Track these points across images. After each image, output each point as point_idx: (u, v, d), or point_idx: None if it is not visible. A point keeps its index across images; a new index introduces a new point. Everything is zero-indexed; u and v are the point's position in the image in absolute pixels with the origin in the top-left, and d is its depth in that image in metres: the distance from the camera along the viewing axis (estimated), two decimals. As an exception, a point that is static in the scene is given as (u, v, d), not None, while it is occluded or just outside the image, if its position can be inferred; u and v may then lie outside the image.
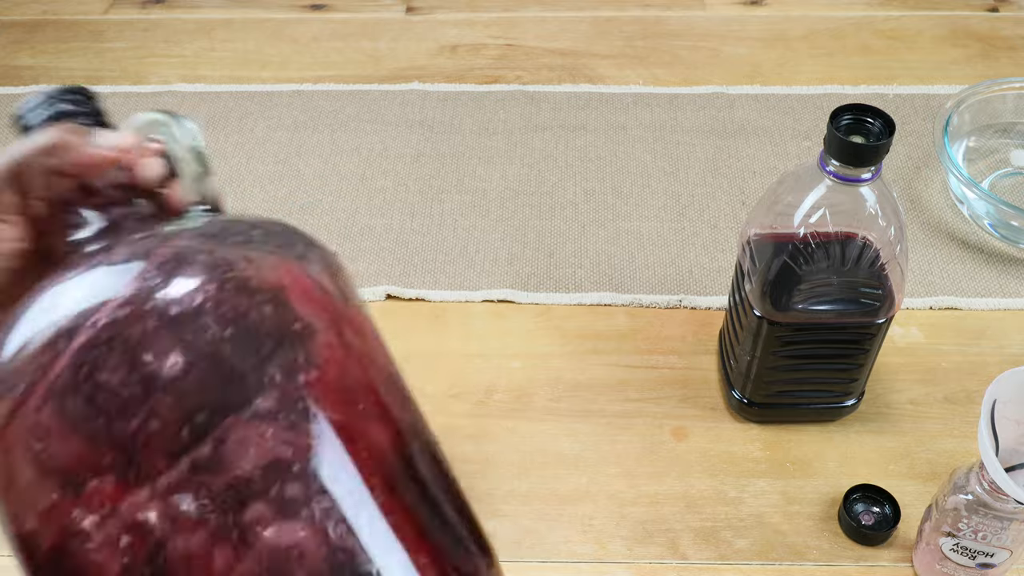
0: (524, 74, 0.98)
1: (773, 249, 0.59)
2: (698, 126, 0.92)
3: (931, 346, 0.73)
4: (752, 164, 0.88)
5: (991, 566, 0.55)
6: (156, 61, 1.01)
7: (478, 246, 0.81)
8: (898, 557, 0.61)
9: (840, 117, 0.53)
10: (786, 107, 0.93)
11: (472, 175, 0.87)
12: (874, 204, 0.55)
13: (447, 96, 0.96)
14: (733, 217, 0.83)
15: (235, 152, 0.90)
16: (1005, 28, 1.03)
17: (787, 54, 1.00)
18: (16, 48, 1.03)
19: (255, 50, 1.02)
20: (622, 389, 0.70)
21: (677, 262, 0.79)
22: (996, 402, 0.50)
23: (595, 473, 0.65)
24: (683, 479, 0.65)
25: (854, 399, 0.67)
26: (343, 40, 1.03)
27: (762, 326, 0.60)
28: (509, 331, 0.75)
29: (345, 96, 0.96)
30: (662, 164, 0.88)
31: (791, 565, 0.60)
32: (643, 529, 0.62)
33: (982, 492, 0.52)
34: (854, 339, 0.61)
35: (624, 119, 0.93)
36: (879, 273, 0.58)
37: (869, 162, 0.53)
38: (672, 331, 0.74)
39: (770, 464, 0.66)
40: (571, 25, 1.05)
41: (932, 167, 0.87)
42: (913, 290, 0.76)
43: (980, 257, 0.79)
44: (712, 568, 0.60)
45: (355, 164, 0.89)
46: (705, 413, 0.69)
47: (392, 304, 0.77)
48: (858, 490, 0.63)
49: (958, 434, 0.67)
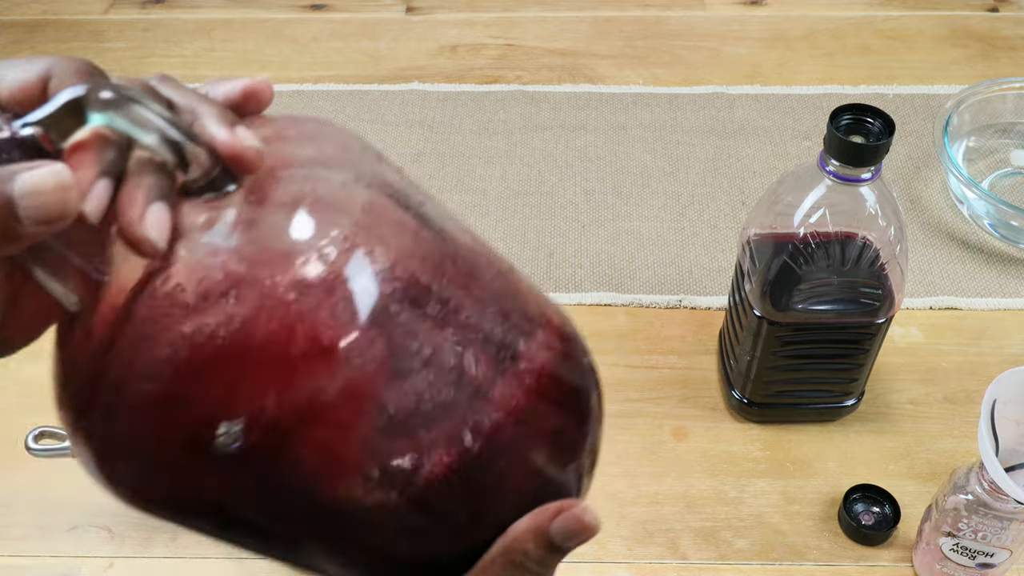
0: (524, 74, 0.98)
1: (773, 249, 0.59)
2: (698, 126, 0.92)
3: (931, 346, 0.73)
4: (752, 164, 0.88)
5: (991, 566, 0.55)
6: (156, 61, 1.01)
7: (478, 246, 0.81)
8: (898, 557, 0.61)
9: (840, 117, 0.53)
10: (786, 107, 0.93)
11: (472, 175, 0.87)
12: (874, 204, 0.55)
13: (447, 96, 0.96)
14: (733, 217, 0.83)
15: (235, 152, 0.90)
16: (1005, 28, 1.03)
17: (787, 54, 1.00)
18: (16, 48, 1.03)
19: (255, 50, 1.02)
20: (622, 389, 0.70)
21: (677, 262, 0.79)
22: (996, 402, 0.50)
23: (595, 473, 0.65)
24: (683, 479, 0.65)
25: (854, 399, 0.67)
26: (343, 40, 1.03)
27: (762, 326, 0.60)
28: (509, 331, 0.74)
29: (345, 96, 0.96)
30: (662, 164, 0.88)
31: (791, 565, 0.60)
32: (643, 529, 0.62)
33: (982, 492, 0.52)
34: (854, 339, 0.61)
35: (624, 119, 0.93)
36: (879, 273, 0.58)
37: (869, 162, 0.53)
38: (672, 331, 0.74)
39: (770, 464, 0.66)
40: (571, 25, 1.05)
41: (932, 167, 0.87)
42: (913, 290, 0.76)
43: (980, 257, 0.79)
44: (712, 568, 0.60)
45: (355, 164, 0.89)
46: (705, 413, 0.69)
47: (392, 304, 0.77)
48: (858, 490, 0.63)
49: (958, 434, 0.67)
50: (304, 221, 0.29)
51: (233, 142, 0.29)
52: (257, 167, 0.30)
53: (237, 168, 0.29)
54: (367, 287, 0.29)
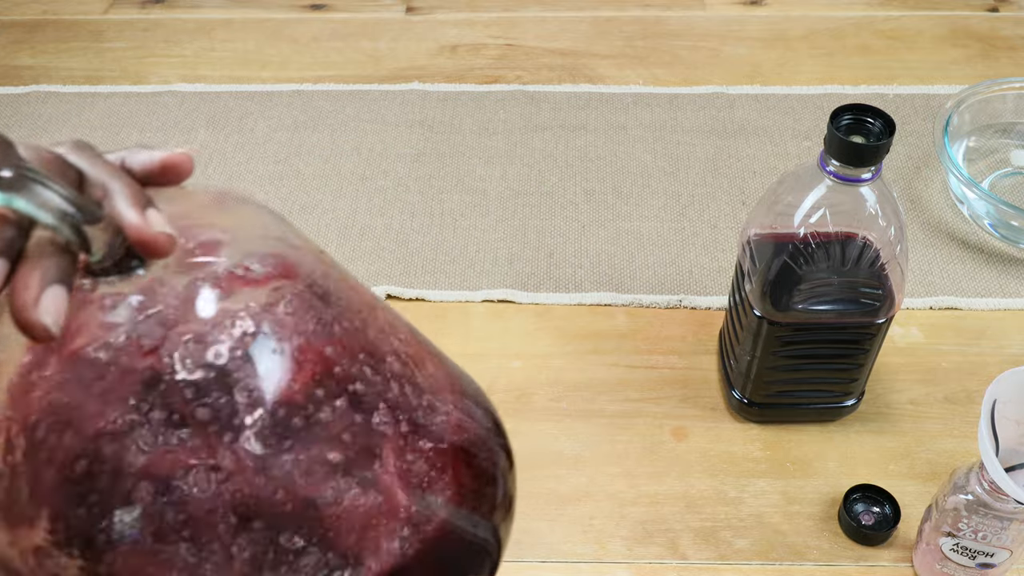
0: (524, 74, 0.98)
1: (773, 249, 0.59)
2: (698, 126, 0.92)
3: (931, 346, 0.73)
4: (752, 164, 0.88)
5: (991, 566, 0.55)
6: (156, 61, 1.01)
7: (478, 246, 0.81)
8: (898, 557, 0.61)
9: (840, 117, 0.53)
10: (786, 107, 0.93)
11: (472, 175, 0.87)
12: (874, 204, 0.55)
13: (447, 96, 0.96)
14: (733, 217, 0.83)
15: (235, 152, 0.90)
16: (1005, 28, 1.03)
17: (787, 54, 1.00)
18: (16, 48, 1.03)
19: (255, 50, 1.02)
20: (622, 389, 0.70)
21: (677, 262, 0.79)
22: (996, 402, 0.50)
23: (595, 473, 0.65)
24: (683, 479, 0.65)
25: (854, 399, 0.67)
26: (343, 40, 1.03)
27: (762, 326, 0.60)
28: (509, 331, 0.74)
29: (345, 96, 0.96)
30: (662, 164, 0.88)
31: (791, 565, 0.60)
32: (643, 529, 0.62)
33: (982, 492, 0.52)
34: (854, 339, 0.61)
35: (624, 119, 0.93)
36: (879, 273, 0.58)
37: (869, 162, 0.53)
38: (672, 331, 0.74)
39: (770, 464, 0.66)
40: (571, 25, 1.05)
41: (932, 167, 0.87)
42: (913, 290, 0.76)
43: (980, 257, 0.79)
44: (712, 568, 0.60)
45: (355, 164, 0.89)
46: (705, 413, 0.69)
47: (392, 304, 0.77)
48: (858, 490, 0.63)
49: (958, 434, 0.67)
50: (208, 309, 0.29)
51: (143, 227, 0.27)
52: (168, 253, 0.28)
53: (146, 253, 0.28)
54: (268, 380, 0.29)
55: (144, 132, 0.92)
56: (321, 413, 0.31)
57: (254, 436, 0.29)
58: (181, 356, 0.29)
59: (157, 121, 0.93)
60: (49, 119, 0.94)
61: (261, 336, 0.30)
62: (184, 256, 0.30)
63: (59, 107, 0.95)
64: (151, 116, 0.94)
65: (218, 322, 0.30)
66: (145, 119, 0.93)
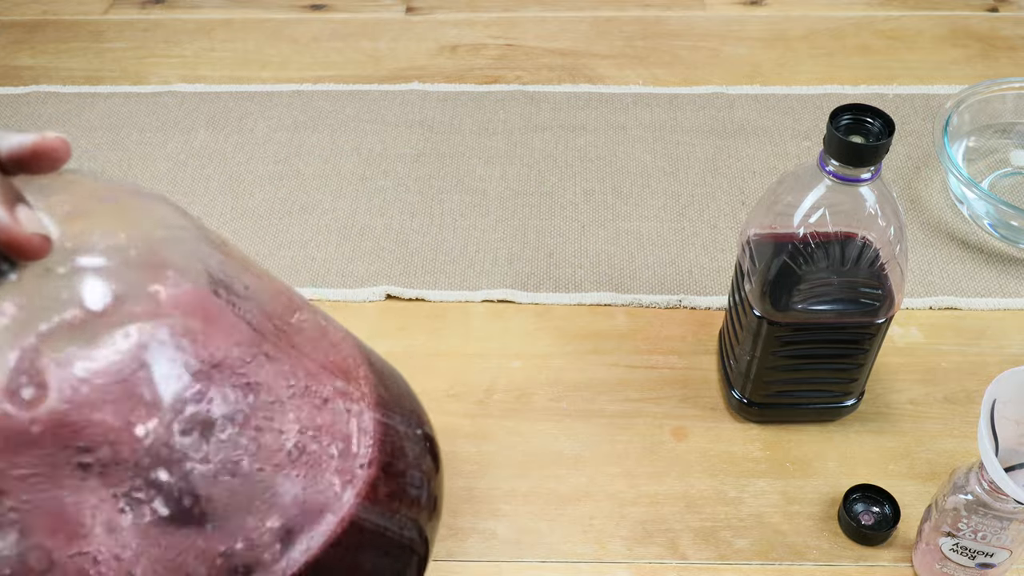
0: (524, 74, 0.98)
1: (773, 249, 0.59)
2: (698, 126, 0.92)
3: (931, 346, 0.73)
4: (752, 164, 0.88)
5: (991, 566, 0.55)
6: (156, 61, 1.01)
7: (478, 246, 0.81)
8: (898, 557, 0.61)
9: (840, 117, 0.53)
10: (786, 107, 0.93)
11: (472, 175, 0.87)
12: (874, 204, 0.55)
13: (447, 96, 0.96)
14: (733, 217, 0.83)
15: (235, 152, 0.90)
16: (1005, 28, 1.03)
17: (787, 54, 1.00)
18: (16, 48, 1.03)
19: (255, 50, 1.02)
20: (622, 389, 0.70)
21: (677, 262, 0.79)
22: (996, 402, 0.50)
23: (595, 473, 0.65)
24: (683, 479, 0.65)
25: (854, 399, 0.67)
26: (343, 40, 1.03)
27: (762, 326, 0.60)
28: (509, 331, 0.75)
29: (345, 96, 0.96)
30: (662, 164, 0.88)
31: (791, 565, 0.61)
32: (643, 529, 0.62)
33: (982, 492, 0.52)
34: (854, 339, 0.61)
35: (624, 119, 0.93)
36: (879, 273, 0.58)
37: (869, 162, 0.53)
38: (672, 331, 0.74)
39: (770, 464, 0.66)
40: (571, 25, 1.05)
41: (932, 167, 0.87)
42: (913, 290, 0.76)
43: (980, 257, 0.79)
44: (712, 568, 0.61)
45: (355, 164, 0.89)
46: (705, 413, 0.69)
47: (392, 304, 0.77)
48: (858, 490, 0.63)
49: (958, 434, 0.67)
50: (89, 316, 0.26)
51: (11, 227, 0.24)
52: (42, 255, 0.25)
53: (16, 256, 0.25)
54: (165, 384, 0.28)
55: (144, 132, 0.92)
56: (224, 418, 0.30)
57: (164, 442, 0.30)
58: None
59: (157, 121, 0.93)
60: (49, 119, 0.94)
61: (154, 344, 0.28)
62: (62, 257, 0.27)
63: (59, 107, 0.95)
64: (151, 116, 0.94)
65: (99, 331, 0.27)
66: (145, 119, 0.94)
